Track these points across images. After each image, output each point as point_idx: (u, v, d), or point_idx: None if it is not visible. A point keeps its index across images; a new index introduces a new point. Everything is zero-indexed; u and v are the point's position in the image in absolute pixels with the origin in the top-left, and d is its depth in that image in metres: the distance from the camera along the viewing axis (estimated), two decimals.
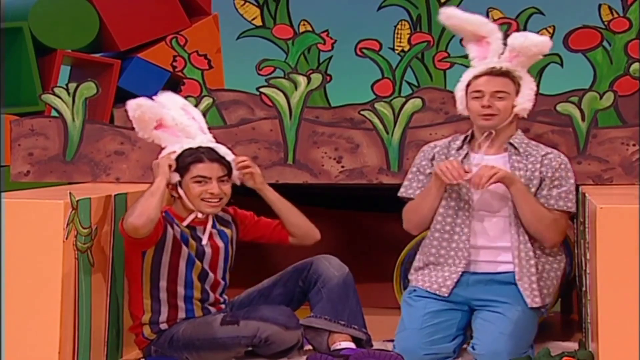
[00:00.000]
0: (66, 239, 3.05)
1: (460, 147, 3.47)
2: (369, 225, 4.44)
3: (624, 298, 2.90)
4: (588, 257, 3.23)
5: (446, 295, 3.35)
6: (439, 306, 3.35)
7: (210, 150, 3.41)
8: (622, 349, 2.90)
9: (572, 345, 3.41)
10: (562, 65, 4.40)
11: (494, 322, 3.26)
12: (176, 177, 3.38)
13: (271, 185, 3.96)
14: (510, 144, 3.44)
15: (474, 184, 3.30)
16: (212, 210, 3.39)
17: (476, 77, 3.45)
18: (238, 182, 3.47)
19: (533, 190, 3.38)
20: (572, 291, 4.09)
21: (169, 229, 3.36)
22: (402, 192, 3.53)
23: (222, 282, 3.46)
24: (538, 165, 3.41)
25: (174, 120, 3.42)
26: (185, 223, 3.40)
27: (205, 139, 3.45)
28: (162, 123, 3.41)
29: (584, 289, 3.45)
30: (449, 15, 3.55)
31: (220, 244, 3.44)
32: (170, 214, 3.43)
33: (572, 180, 3.44)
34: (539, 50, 3.46)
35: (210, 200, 3.36)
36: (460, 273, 3.37)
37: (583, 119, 3.80)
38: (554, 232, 3.37)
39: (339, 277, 3.38)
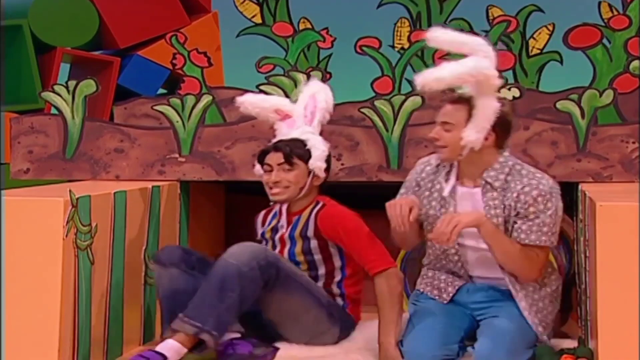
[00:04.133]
0: (66, 236, 3.05)
1: (447, 175, 3.27)
2: (368, 223, 4.43)
3: (624, 295, 2.90)
4: (587, 254, 3.23)
5: (446, 302, 3.30)
6: (447, 308, 3.30)
7: (288, 139, 3.41)
8: (622, 346, 2.89)
9: (572, 343, 3.40)
10: (561, 62, 4.41)
11: (493, 323, 3.22)
12: (260, 170, 3.46)
13: None
14: (484, 179, 3.20)
15: (440, 242, 3.14)
16: (274, 198, 3.40)
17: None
18: (321, 174, 3.41)
19: (509, 227, 3.19)
20: (571, 289, 4.09)
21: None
22: None
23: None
24: (513, 203, 3.17)
25: (293, 111, 3.47)
26: (271, 215, 3.49)
27: (301, 131, 3.43)
28: (283, 114, 3.47)
29: (583, 286, 3.45)
30: (433, 38, 3.23)
31: (288, 244, 3.41)
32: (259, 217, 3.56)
33: (549, 212, 3.16)
34: (475, 78, 3.11)
35: (272, 187, 3.39)
36: (460, 285, 3.31)
37: (583, 117, 3.80)
38: (527, 270, 3.21)
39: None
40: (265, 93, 3.95)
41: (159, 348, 3.12)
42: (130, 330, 3.52)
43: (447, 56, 4.52)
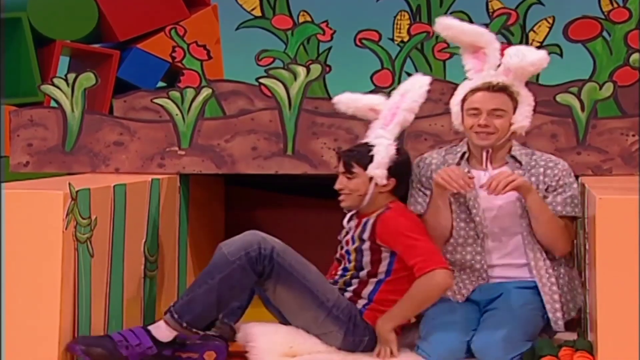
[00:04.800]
0: (66, 229, 3.05)
1: (458, 164, 3.35)
2: None
3: (623, 288, 2.90)
4: (587, 247, 3.23)
5: (460, 301, 3.32)
6: (462, 304, 3.33)
7: (357, 145, 3.38)
8: (621, 339, 2.90)
9: (571, 336, 3.41)
10: (561, 55, 4.41)
11: (493, 315, 3.25)
12: None
13: (270, 176, 3.97)
14: (512, 156, 3.34)
15: (491, 189, 3.18)
16: (342, 205, 3.36)
17: (472, 91, 3.30)
18: (382, 182, 3.29)
19: None
20: None
21: None
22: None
23: (346, 263, 3.37)
24: (541, 177, 3.31)
25: (382, 111, 3.41)
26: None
27: (375, 135, 3.36)
28: (379, 112, 3.41)
29: (582, 279, 3.45)
30: (446, 26, 3.39)
31: (350, 244, 3.38)
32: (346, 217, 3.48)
33: (575, 186, 3.34)
34: (536, 69, 3.33)
35: (340, 194, 3.35)
36: (476, 285, 3.35)
37: (582, 110, 3.79)
38: (565, 241, 3.31)
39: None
40: (265, 86, 3.96)
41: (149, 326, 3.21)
42: (130, 322, 3.51)
43: (448, 49, 4.55)
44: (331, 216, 4.29)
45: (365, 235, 3.31)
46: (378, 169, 3.28)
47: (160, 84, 5.36)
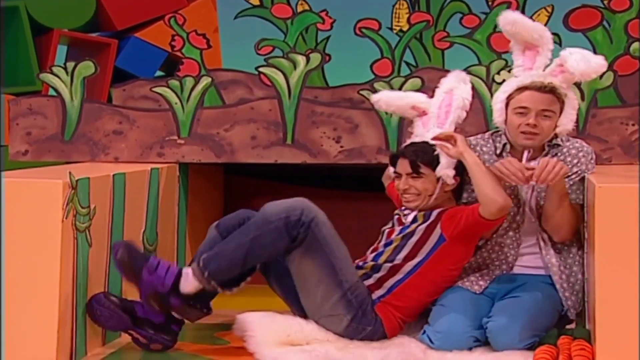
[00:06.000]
0: (65, 218, 3.05)
1: (500, 154, 3.36)
2: (366, 205, 4.43)
3: (622, 277, 2.91)
4: (586, 236, 3.24)
5: (478, 293, 3.32)
6: (476, 296, 3.32)
7: (414, 145, 3.34)
8: (619, 327, 2.90)
9: (570, 325, 3.42)
10: (560, 45, 4.38)
11: (510, 304, 3.25)
12: (393, 173, 3.41)
13: (270, 165, 3.97)
14: (555, 144, 3.33)
15: (541, 179, 3.17)
16: (405, 205, 3.35)
17: (520, 90, 3.26)
18: (450, 181, 3.30)
19: None
20: None
21: None
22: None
23: (381, 249, 3.38)
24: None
25: (429, 108, 3.38)
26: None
27: (432, 134, 3.33)
28: (421, 110, 3.39)
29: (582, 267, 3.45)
30: (510, 21, 3.30)
31: (403, 223, 3.38)
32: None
33: (590, 172, 3.34)
34: (597, 75, 3.29)
35: (403, 195, 3.34)
36: (494, 277, 3.36)
37: (582, 99, 3.79)
38: (571, 227, 3.31)
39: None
40: (265, 75, 3.95)
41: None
42: None
43: (447, 38, 4.54)
44: (330, 205, 4.28)
45: (424, 225, 3.30)
46: (448, 169, 3.29)
47: (158, 73, 5.35)
